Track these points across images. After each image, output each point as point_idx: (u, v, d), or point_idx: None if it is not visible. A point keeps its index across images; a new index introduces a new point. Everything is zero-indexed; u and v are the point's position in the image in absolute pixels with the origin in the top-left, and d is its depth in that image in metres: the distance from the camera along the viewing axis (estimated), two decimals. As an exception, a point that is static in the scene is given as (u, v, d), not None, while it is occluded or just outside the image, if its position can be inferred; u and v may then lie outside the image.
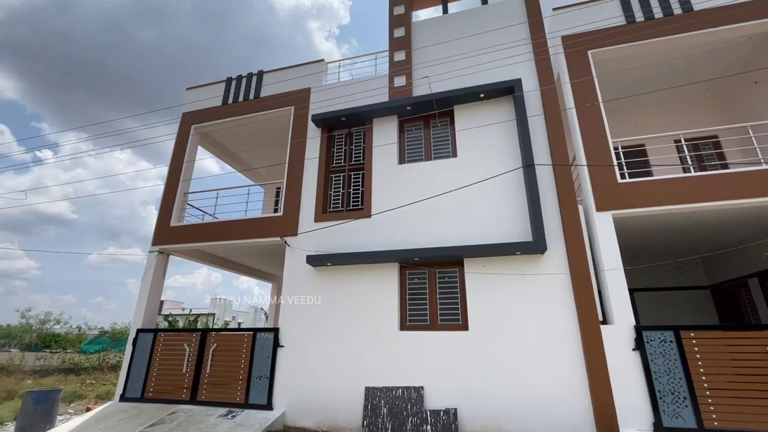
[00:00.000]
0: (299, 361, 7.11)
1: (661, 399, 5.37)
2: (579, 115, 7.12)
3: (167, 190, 9.46)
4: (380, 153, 8.14)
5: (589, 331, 5.87)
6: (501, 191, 7.11)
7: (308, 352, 7.12)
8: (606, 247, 6.24)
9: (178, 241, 8.84)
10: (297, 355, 7.15)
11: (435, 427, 5.90)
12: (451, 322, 6.75)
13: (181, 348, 7.92)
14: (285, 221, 8.18)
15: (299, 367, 7.06)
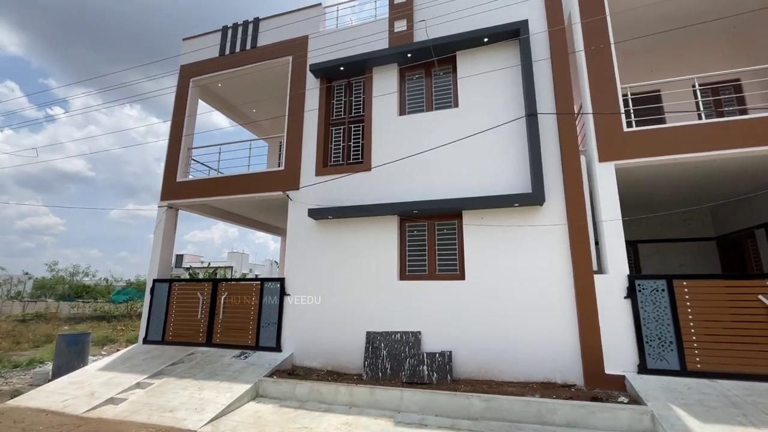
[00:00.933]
0: (304, 308, 7.51)
1: (647, 343, 5.57)
2: (588, 58, 6.73)
3: (171, 146, 9.55)
4: (380, 104, 7.94)
5: (583, 280, 5.99)
6: (502, 142, 6.96)
7: (313, 299, 7.49)
8: (606, 198, 6.17)
9: (185, 196, 9.07)
10: (302, 303, 7.55)
11: (431, 367, 6.30)
12: (449, 271, 6.95)
13: (195, 296, 8.41)
14: (286, 175, 8.26)
15: (304, 314, 7.48)
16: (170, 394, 6.05)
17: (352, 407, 5.65)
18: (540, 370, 5.99)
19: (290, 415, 5.44)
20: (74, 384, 6.77)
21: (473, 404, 5.19)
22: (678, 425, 4.29)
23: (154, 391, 6.23)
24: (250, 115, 12.09)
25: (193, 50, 10.08)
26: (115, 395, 6.17)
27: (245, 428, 5.02)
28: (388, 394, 5.61)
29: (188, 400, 5.79)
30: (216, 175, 9.58)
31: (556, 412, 4.88)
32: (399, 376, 6.38)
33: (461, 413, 5.19)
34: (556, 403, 4.95)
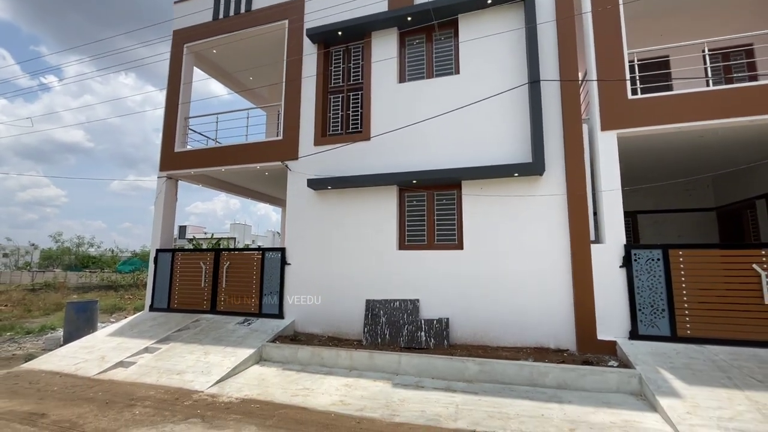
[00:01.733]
0: (306, 276, 7.65)
1: (640, 311, 5.70)
2: (595, 21, 6.47)
3: (167, 115, 9.41)
4: (379, 71, 7.73)
5: (580, 249, 6.05)
6: (503, 111, 6.83)
7: (314, 268, 7.62)
8: (607, 168, 6.13)
9: (184, 167, 9.03)
10: (303, 271, 7.68)
11: (428, 333, 6.49)
12: (448, 241, 7.02)
13: (198, 266, 8.57)
14: (285, 145, 8.18)
15: (305, 282, 7.63)
16: (177, 358, 6.29)
17: (352, 370, 5.88)
18: (534, 335, 6.17)
19: (293, 377, 5.67)
20: (85, 348, 7.04)
21: (468, 367, 5.39)
22: (664, 387, 4.47)
23: (162, 355, 6.48)
24: (247, 83, 11.81)
25: (186, 14, 9.72)
26: (125, 359, 6.42)
27: (250, 389, 5.26)
28: (387, 358, 5.82)
29: (195, 364, 6.03)
30: (214, 146, 9.50)
31: (547, 375, 5.07)
32: (397, 342, 6.59)
33: (456, 376, 5.41)
34: (548, 367, 5.13)
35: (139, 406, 4.72)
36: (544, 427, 3.99)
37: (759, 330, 5.19)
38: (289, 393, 5.08)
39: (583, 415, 4.24)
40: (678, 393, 4.32)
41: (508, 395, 4.85)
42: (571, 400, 4.65)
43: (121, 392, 5.26)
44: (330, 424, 4.18)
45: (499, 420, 4.17)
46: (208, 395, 5.11)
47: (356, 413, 4.44)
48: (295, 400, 4.86)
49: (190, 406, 4.76)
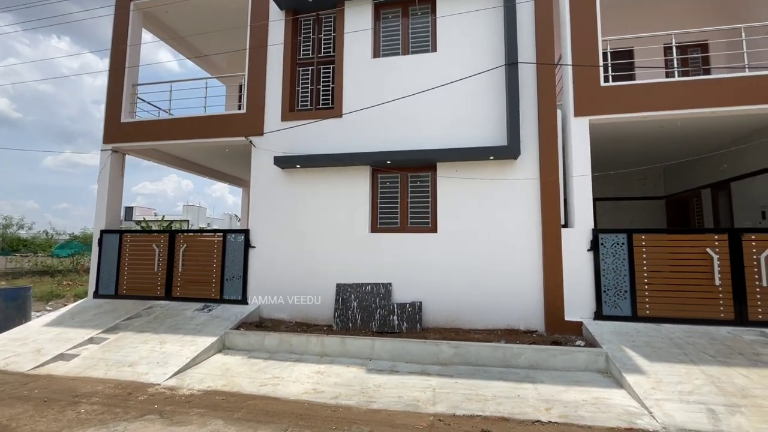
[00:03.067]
0: (271, 260, 7.24)
1: (604, 292, 5.93)
2: (572, 6, 6.46)
3: (112, 80, 8.40)
4: (353, 44, 7.31)
5: (550, 233, 6.15)
6: (479, 92, 6.72)
7: (280, 251, 7.22)
8: (578, 153, 6.23)
9: (132, 139, 8.16)
10: (268, 255, 7.26)
11: (401, 317, 6.39)
12: (421, 224, 6.89)
13: (150, 248, 7.85)
14: (249, 119, 7.58)
15: (271, 266, 7.23)
16: (128, 349, 5.74)
17: (323, 357, 5.66)
18: (505, 318, 6.26)
19: (260, 365, 5.35)
20: (16, 341, 6.24)
21: (443, 351, 5.35)
22: (629, 364, 4.67)
23: (110, 346, 5.88)
24: (204, 51, 10.82)
25: (133, -33, 8.63)
26: (66, 351, 5.75)
27: (213, 380, 4.89)
28: (360, 343, 5.65)
29: (149, 354, 5.52)
30: (167, 117, 8.64)
31: (520, 356, 5.14)
32: (369, 327, 6.44)
33: (431, 359, 5.35)
34: (521, 348, 5.21)
35: (84, 404, 4.21)
36: (521, 407, 4.01)
37: (710, 309, 5.57)
38: (258, 382, 4.77)
39: (556, 394, 4.32)
40: (642, 370, 4.52)
41: (483, 377, 4.86)
42: (543, 379, 4.74)
43: (62, 388, 4.69)
44: (304, 414, 3.95)
45: (477, 402, 4.14)
46: (165, 388, 4.67)
47: (331, 401, 4.24)
48: (264, 389, 4.57)
49: (145, 401, 4.32)
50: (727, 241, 5.60)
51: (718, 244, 5.63)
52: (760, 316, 5.43)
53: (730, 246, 5.59)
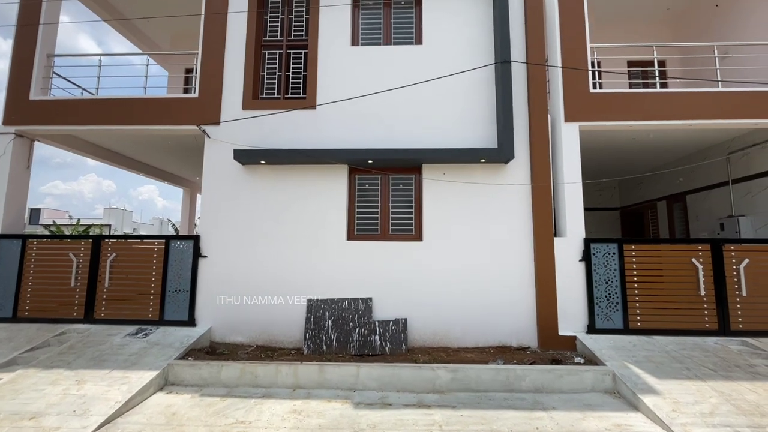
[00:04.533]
0: (227, 272, 6.10)
1: (597, 304, 5.70)
2: (561, 10, 6.29)
3: (20, 46, 6.69)
4: (329, 27, 6.52)
5: (543, 243, 5.82)
6: (468, 90, 6.27)
7: (239, 262, 6.11)
8: (569, 160, 6.00)
9: (45, 122, 6.53)
10: (224, 266, 6.11)
11: (383, 336, 5.63)
12: (404, 232, 6.22)
13: (65, 258, 6.27)
14: (202, 105, 6.41)
15: (228, 279, 6.08)
16: (30, 393, 4.30)
17: (296, 390, 4.70)
18: (496, 334, 5.77)
19: (217, 406, 4.27)
20: None
21: (439, 376, 4.69)
22: (639, 383, 4.36)
23: (3, 390, 4.38)
24: (143, 26, 9.28)
25: None
26: (-68, 401, 4.17)
27: (155, 431, 3.73)
28: (342, 371, 4.78)
29: (61, 400, 4.16)
30: (92, 97, 7.08)
31: (524, 378, 4.65)
32: (347, 349, 5.59)
33: (426, 387, 4.66)
34: (524, 369, 4.71)
35: (-45, 488, 2.89)
36: (547, 444, 3.47)
37: (696, 320, 5.55)
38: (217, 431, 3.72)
39: (575, 423, 3.85)
40: (654, 389, 4.23)
41: (489, 406, 4.27)
42: (554, 405, 4.27)
43: None
44: (289, 478, 3.03)
45: (496, 441, 3.53)
46: (86, 450, 3.45)
47: (321, 454, 3.36)
48: (229, 442, 3.55)
49: (55, 474, 3.09)
50: (710, 251, 5.66)
51: (702, 254, 5.67)
52: (741, 326, 5.51)
53: (713, 256, 5.64)
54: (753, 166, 7.01)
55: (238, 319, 5.98)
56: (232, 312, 5.99)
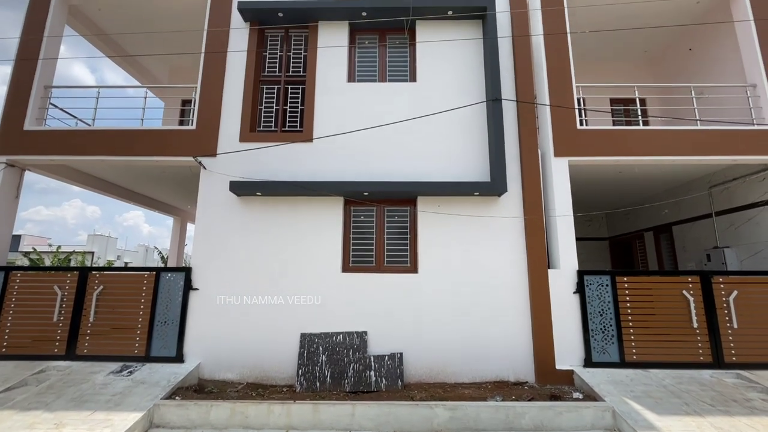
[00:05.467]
0: (218, 306, 5.96)
1: (593, 337, 5.69)
2: (547, 50, 6.65)
3: (17, 77, 6.74)
4: (327, 65, 6.75)
5: (537, 275, 5.86)
6: (460, 125, 6.48)
7: (230, 295, 5.98)
8: (560, 193, 6.16)
9: (39, 152, 6.49)
10: (215, 300, 5.97)
11: (379, 372, 5.49)
12: (400, 264, 6.21)
13: (50, 291, 6.06)
14: (199, 137, 6.47)
15: (218, 313, 5.93)
16: (4, 439, 4.04)
17: (289, 431, 4.51)
18: (493, 368, 5.69)
19: (206, 451, 4.05)
20: None
21: (437, 414, 4.55)
22: (640, 420, 4.30)
23: (-26, 435, 4.11)
24: (142, 58, 9.47)
25: (60, -47, 7.31)
26: None
27: (139, 481, 3.51)
28: (336, 411, 4.61)
29: (38, 446, 3.91)
30: (88, 128, 7.09)
31: (524, 416, 4.54)
32: (341, 385, 5.42)
33: (424, 426, 4.52)
34: (524, 407, 4.62)
35: None
36: (552, 488, 3.35)
37: (690, 352, 5.58)
38: (207, 480, 3.52)
39: (578, 465, 3.75)
40: (655, 426, 4.16)
41: (489, 446, 4.15)
42: (556, 444, 4.17)
43: None
44: None
45: (499, 486, 3.40)
46: (64, 504, 3.21)
47: (317, 503, 3.19)
48: (219, 492, 3.35)
49: None
50: (699, 283, 5.76)
51: (692, 286, 5.77)
52: (734, 358, 5.54)
53: (703, 288, 5.75)
54: (734, 199, 7.28)
55: (228, 354, 5.79)
56: (223, 347, 5.81)
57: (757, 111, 6.54)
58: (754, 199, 6.92)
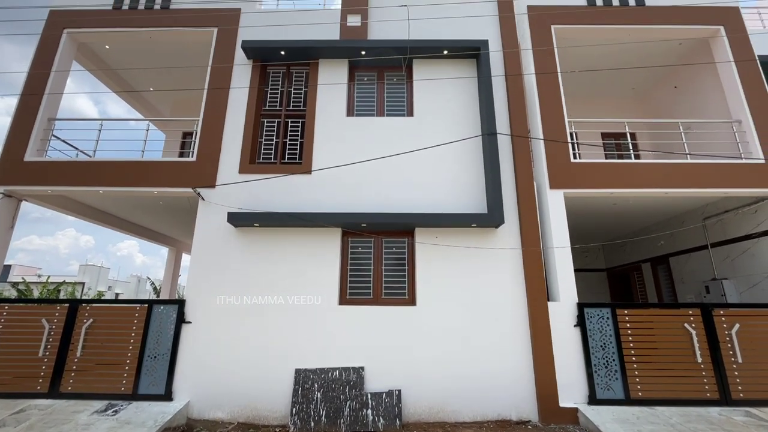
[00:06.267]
0: (211, 340, 5.79)
1: (596, 373, 5.54)
2: (539, 86, 6.91)
3: (22, 110, 6.86)
4: (326, 100, 6.95)
5: (537, 308, 5.78)
6: (456, 159, 6.60)
7: (224, 329, 5.83)
8: (557, 224, 6.20)
9: (38, 182, 6.50)
10: (208, 333, 5.81)
11: (376, 410, 5.28)
12: (397, 296, 6.13)
13: (37, 324, 5.88)
14: (199, 169, 6.53)
15: (211, 348, 5.75)
16: (-24, 487, 3.78)
17: (282, 476, 4.26)
18: (495, 406, 5.48)
19: (192, 499, 3.80)
20: None
21: (437, 457, 4.34)
22: (649, 463, 4.12)
23: (-56, 483, 3.84)
24: (147, 94, 9.73)
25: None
26: None
27: None
28: (332, 453, 4.40)
29: (12, 495, 3.66)
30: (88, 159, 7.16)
31: (528, 458, 4.34)
32: (337, 425, 5.19)
33: (424, 470, 4.29)
34: (528, 448, 4.42)
35: None
36: None
37: (696, 389, 5.42)
38: None
39: None
40: (665, 469, 3.99)
41: (493, 493, 3.92)
42: (563, 490, 3.96)
43: None
44: None
45: None
46: None
47: None
48: None
49: None
50: (700, 316, 5.70)
51: (693, 319, 5.70)
52: (742, 395, 5.39)
53: (704, 321, 5.68)
54: (728, 231, 7.35)
55: (219, 391, 5.56)
56: (214, 383, 5.59)
57: (744, 145, 6.74)
58: (748, 230, 6.99)
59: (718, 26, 7.42)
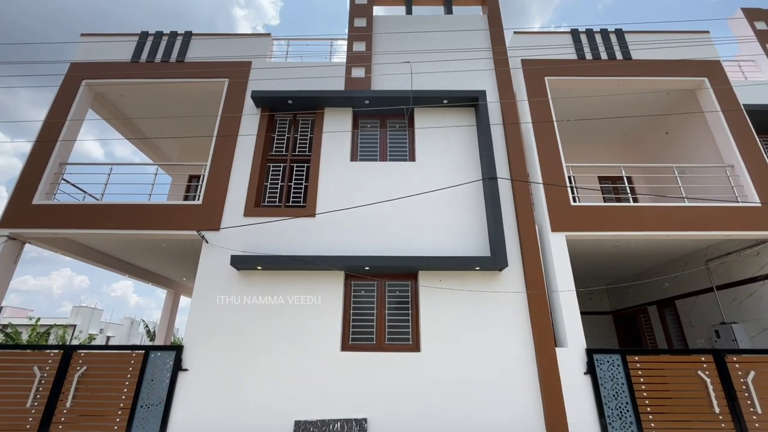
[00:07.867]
0: (208, 389, 5.57)
1: (610, 424, 5.29)
2: (536, 134, 7.18)
3: (35, 156, 7.06)
4: (331, 146, 7.19)
5: (546, 355, 5.63)
6: (458, 203, 6.72)
7: (221, 376, 5.63)
8: (560, 267, 6.19)
9: (43, 225, 6.55)
10: (206, 382, 5.60)
11: (380, 468, 4.97)
12: (401, 342, 5.98)
13: (26, 372, 5.68)
14: (205, 212, 6.62)
15: (207, 398, 5.52)
16: None
17: None
18: (505, 462, 5.17)
19: None
20: None
21: None
22: None
23: None
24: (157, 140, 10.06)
25: (94, 49, 8.17)
26: None
27: None
28: None
29: None
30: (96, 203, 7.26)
31: None
32: (338, 484, 4.87)
33: None
34: None
35: None
36: None
37: (717, 442, 5.15)
38: None
39: None
40: None
41: None
42: None
43: None
44: None
45: None
46: None
47: None
48: None
49: None
50: (713, 362, 5.53)
51: (707, 366, 5.53)
52: (766, 449, 5.10)
53: (718, 368, 5.50)
54: (733, 273, 7.32)
55: (214, 446, 5.26)
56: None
57: (739, 189, 6.89)
58: (752, 273, 6.96)
59: (702, 78, 7.86)
